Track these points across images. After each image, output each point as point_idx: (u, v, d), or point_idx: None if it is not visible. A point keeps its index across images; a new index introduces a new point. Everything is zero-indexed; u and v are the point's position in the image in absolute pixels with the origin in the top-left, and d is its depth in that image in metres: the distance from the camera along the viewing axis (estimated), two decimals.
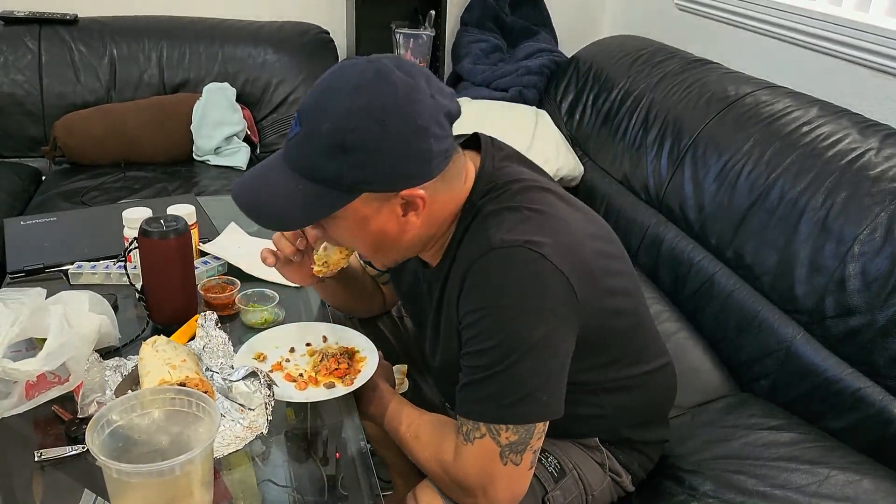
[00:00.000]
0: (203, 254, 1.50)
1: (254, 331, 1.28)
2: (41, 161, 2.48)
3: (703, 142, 1.91)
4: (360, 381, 1.13)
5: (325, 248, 1.10)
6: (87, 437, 0.86)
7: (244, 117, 2.53)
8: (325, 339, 1.24)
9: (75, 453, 1.00)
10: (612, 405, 1.13)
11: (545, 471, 1.12)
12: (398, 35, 2.82)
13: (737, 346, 1.64)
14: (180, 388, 0.96)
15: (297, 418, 1.12)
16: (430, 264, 1.09)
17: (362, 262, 1.34)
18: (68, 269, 1.43)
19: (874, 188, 1.46)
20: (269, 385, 1.05)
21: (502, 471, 0.97)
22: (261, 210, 0.98)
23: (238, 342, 1.22)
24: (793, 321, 1.54)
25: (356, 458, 1.05)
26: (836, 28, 1.93)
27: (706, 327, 1.73)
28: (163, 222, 1.24)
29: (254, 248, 1.40)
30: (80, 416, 1.05)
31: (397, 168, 0.92)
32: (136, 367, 1.10)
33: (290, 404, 1.13)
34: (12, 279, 1.42)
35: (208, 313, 1.23)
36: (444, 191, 0.98)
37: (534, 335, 0.93)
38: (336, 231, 1.00)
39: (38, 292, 1.16)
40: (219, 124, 2.46)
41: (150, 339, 1.11)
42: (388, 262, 1.08)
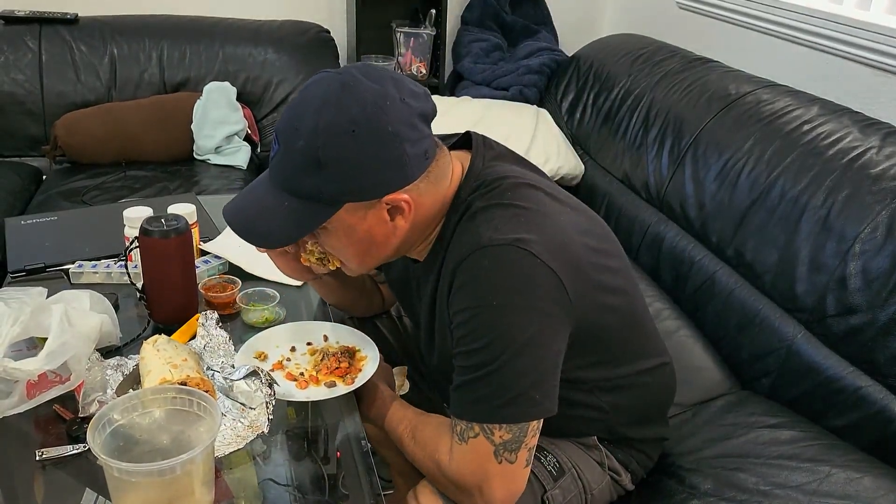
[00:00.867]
0: (204, 253, 1.50)
1: (254, 330, 1.28)
2: (42, 160, 2.48)
3: (703, 140, 1.91)
4: (361, 380, 1.14)
5: None
6: (89, 437, 0.86)
7: (245, 116, 2.53)
8: (325, 338, 1.25)
9: (76, 452, 1.00)
10: (609, 403, 1.12)
11: (544, 470, 1.12)
12: (398, 34, 2.82)
13: (738, 345, 1.64)
14: (181, 387, 0.96)
15: (297, 417, 1.12)
16: (418, 259, 1.09)
17: None
18: (69, 269, 1.43)
19: (875, 187, 1.46)
20: (270, 384, 1.05)
21: (497, 469, 0.97)
22: (251, 229, 1.00)
23: (239, 341, 1.22)
24: (793, 320, 1.54)
25: (357, 458, 1.05)
26: (837, 26, 1.93)
27: (707, 326, 1.73)
28: (163, 221, 1.24)
29: (254, 248, 1.39)
30: (81, 415, 1.05)
31: (374, 176, 0.93)
32: (137, 366, 1.10)
33: (290, 403, 1.13)
34: (13, 278, 1.42)
35: (209, 312, 1.23)
36: (430, 192, 0.99)
37: (525, 333, 0.93)
38: (327, 241, 1.02)
39: (39, 291, 1.15)
40: (219, 123, 2.46)
41: (151, 339, 1.11)
42: (376, 265, 1.09)
